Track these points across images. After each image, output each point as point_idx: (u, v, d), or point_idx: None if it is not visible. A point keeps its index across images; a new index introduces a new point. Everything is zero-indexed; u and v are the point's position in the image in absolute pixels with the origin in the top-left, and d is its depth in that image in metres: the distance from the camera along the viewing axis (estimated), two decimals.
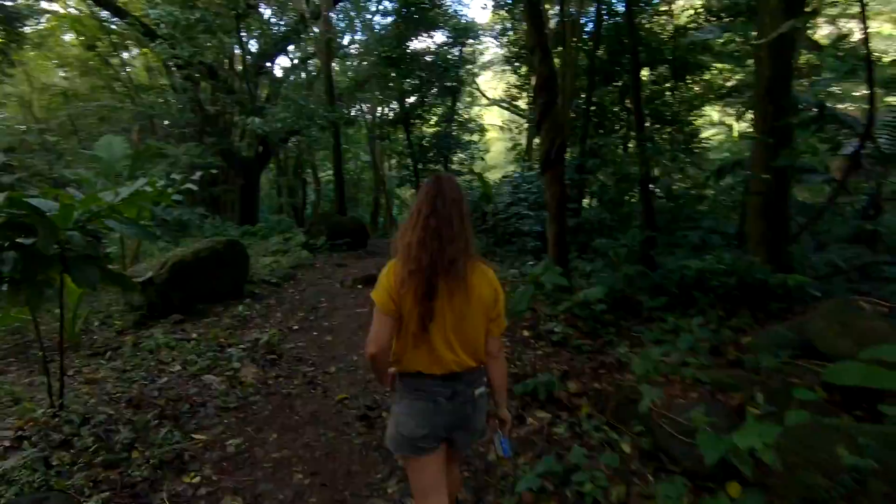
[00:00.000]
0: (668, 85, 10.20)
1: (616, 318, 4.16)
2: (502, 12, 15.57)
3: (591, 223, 7.95)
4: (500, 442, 1.71)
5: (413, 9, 11.83)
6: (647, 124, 10.70)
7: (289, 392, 3.57)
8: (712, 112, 13.43)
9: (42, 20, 15.94)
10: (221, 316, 5.34)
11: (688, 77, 9.46)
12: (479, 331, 1.53)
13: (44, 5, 15.80)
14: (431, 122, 14.53)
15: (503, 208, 10.10)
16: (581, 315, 3.94)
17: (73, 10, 15.24)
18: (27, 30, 15.85)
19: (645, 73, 10.04)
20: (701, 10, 8.36)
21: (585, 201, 9.50)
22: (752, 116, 5.58)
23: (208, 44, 9.59)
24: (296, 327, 4.93)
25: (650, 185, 5.34)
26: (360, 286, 6.18)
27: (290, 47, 19.27)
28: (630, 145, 10.07)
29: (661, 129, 10.27)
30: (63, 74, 16.50)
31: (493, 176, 16.55)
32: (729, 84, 10.44)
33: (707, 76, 10.08)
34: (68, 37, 16.24)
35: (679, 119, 9.99)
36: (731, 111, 13.63)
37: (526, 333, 4.10)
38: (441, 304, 1.45)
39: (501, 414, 1.71)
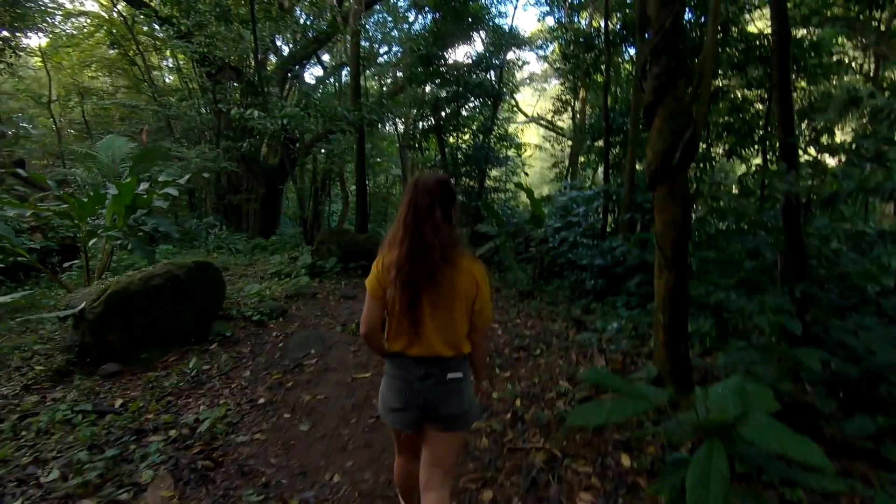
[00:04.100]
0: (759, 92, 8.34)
1: None
2: (549, 20, 14.13)
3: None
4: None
5: (451, 4, 10.46)
6: (727, 138, 8.91)
7: None
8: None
9: (82, 21, 15.67)
10: (171, 370, 3.85)
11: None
12: (459, 322, 1.62)
13: (80, 6, 15.54)
14: (466, 138, 13.09)
15: (550, 234, 8.39)
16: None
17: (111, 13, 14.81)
18: (68, 30, 15.64)
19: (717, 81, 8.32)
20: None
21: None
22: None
23: (223, 35, 8.45)
24: (262, 400, 3.36)
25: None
26: None
27: (326, 57, 18.46)
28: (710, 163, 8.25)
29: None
30: (91, 74, 16.05)
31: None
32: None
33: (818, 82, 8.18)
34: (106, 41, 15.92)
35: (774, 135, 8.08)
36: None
37: (627, 463, 2.37)
38: (424, 305, 1.57)
39: (480, 386, 1.85)
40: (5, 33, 10.75)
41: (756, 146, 8.61)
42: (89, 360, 3.99)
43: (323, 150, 13.95)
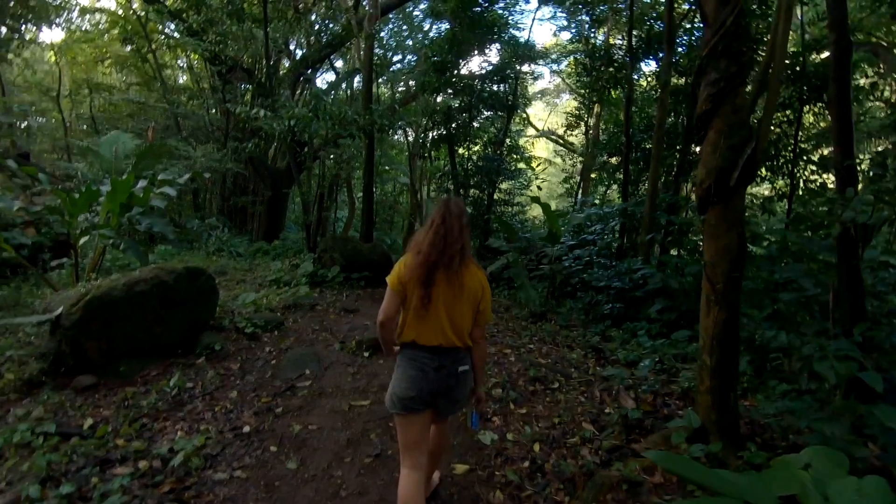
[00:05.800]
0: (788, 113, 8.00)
1: None
2: (565, 35, 13.92)
3: (685, 292, 5.59)
4: (471, 415, 2.10)
5: (468, 13, 10.26)
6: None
7: None
8: None
9: (98, 17, 15.66)
10: (150, 386, 3.50)
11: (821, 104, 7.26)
12: (466, 316, 1.89)
13: (96, 1, 15.53)
14: (476, 149, 12.84)
15: (563, 252, 8.03)
16: None
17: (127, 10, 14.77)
18: (84, 25, 15.62)
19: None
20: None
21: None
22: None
23: (235, 34, 8.24)
24: (246, 428, 3.00)
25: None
26: (367, 353, 4.22)
27: (338, 63, 18.33)
28: None
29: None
30: (104, 71, 15.99)
31: (539, 212, 14.43)
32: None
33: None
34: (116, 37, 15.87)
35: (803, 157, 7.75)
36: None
37: None
38: (437, 290, 1.84)
39: (478, 391, 2.08)
40: (23, 27, 10.64)
41: (781, 169, 8.27)
42: (64, 369, 3.65)
43: (332, 156, 13.75)
